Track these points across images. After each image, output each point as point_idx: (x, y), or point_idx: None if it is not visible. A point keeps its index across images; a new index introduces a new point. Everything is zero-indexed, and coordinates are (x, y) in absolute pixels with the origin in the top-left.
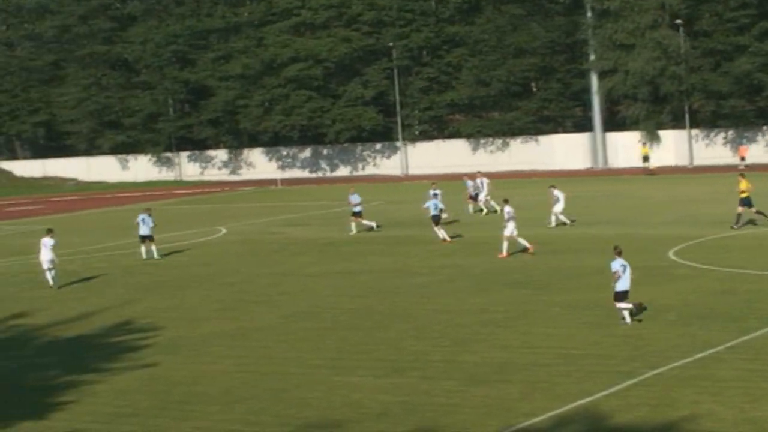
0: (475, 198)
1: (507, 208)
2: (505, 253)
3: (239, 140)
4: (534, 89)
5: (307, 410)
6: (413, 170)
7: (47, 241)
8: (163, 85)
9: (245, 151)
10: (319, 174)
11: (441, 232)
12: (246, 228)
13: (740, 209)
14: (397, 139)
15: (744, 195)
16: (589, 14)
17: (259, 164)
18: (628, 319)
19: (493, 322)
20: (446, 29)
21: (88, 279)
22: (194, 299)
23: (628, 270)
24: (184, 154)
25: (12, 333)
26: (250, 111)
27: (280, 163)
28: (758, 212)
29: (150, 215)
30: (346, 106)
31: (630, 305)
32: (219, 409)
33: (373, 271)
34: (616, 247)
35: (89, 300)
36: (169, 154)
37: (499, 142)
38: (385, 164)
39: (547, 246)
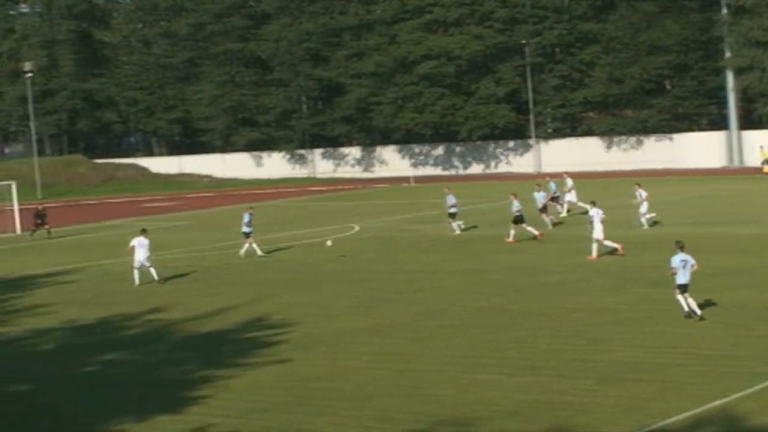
0: (555, 200)
1: (594, 210)
2: (594, 254)
3: (372, 138)
4: (668, 87)
5: (440, 407)
6: (546, 168)
7: (142, 241)
8: (297, 82)
9: (378, 149)
10: (452, 172)
11: (516, 231)
12: (379, 225)
13: None
14: (530, 137)
15: None
16: (724, 11)
17: (392, 162)
18: (698, 311)
19: (628, 321)
20: (579, 26)
21: (222, 275)
22: (328, 295)
23: (689, 264)
24: (318, 152)
25: (148, 328)
26: (383, 108)
27: (413, 160)
28: None
29: (251, 214)
30: (478, 103)
31: (689, 305)
32: (352, 405)
33: (506, 269)
34: (678, 242)
35: (224, 296)
36: (302, 151)
37: (632, 140)
38: (518, 162)
39: None
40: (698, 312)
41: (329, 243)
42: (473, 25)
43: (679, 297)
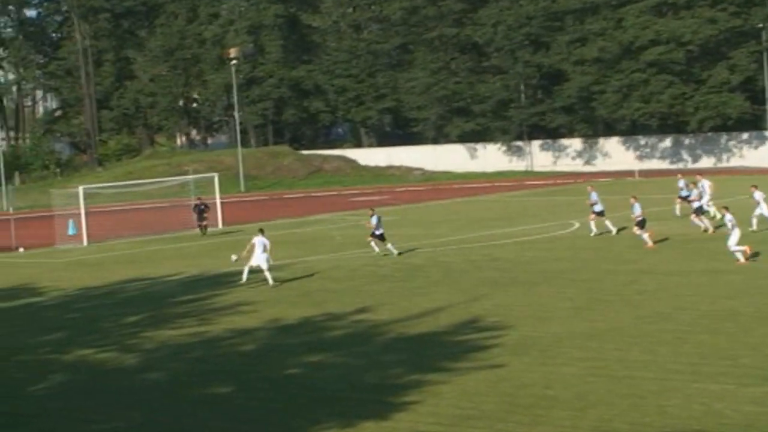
0: (685, 198)
1: (729, 216)
2: (743, 259)
3: (594, 128)
4: None
5: (665, 419)
6: None
7: (262, 240)
8: (515, 69)
9: (600, 140)
10: (680, 165)
11: (644, 235)
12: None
13: None
14: (766, 129)
15: None
16: None
17: (615, 154)
18: None
19: None
20: None
21: (433, 274)
22: (545, 297)
23: None
24: (536, 143)
25: (355, 328)
26: (607, 97)
27: (638, 153)
28: None
29: (372, 215)
30: (710, 92)
31: None
32: (570, 415)
33: (739, 271)
34: None
35: (435, 295)
36: (519, 143)
37: None
38: (753, 155)
39: None
40: None
41: (234, 258)
42: (706, 8)
43: None
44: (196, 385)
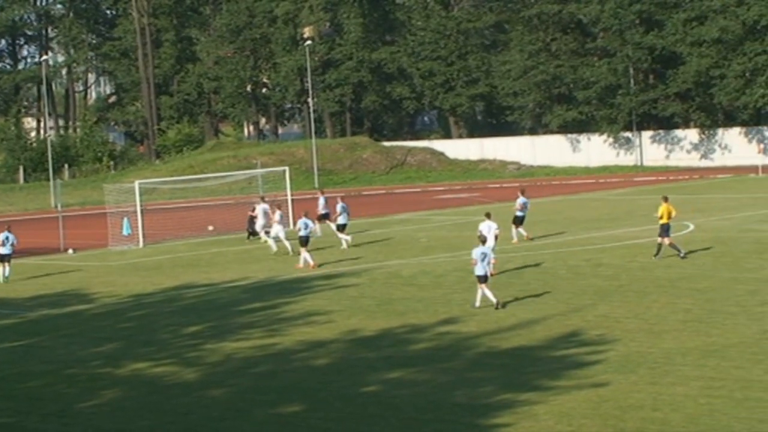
0: (325, 217)
1: (485, 224)
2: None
3: (712, 118)
4: None
5: None
6: None
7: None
8: (624, 51)
9: (719, 132)
10: None
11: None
12: (718, 224)
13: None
14: None
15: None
16: None
17: (736, 147)
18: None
19: None
20: None
21: (529, 281)
22: (654, 308)
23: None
24: (646, 135)
25: (439, 342)
26: (727, 83)
27: (763, 146)
28: (671, 245)
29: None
30: None
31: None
32: None
33: None
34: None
35: (530, 305)
36: (628, 134)
37: None
38: None
39: None
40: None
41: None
42: None
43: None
44: (264, 404)
